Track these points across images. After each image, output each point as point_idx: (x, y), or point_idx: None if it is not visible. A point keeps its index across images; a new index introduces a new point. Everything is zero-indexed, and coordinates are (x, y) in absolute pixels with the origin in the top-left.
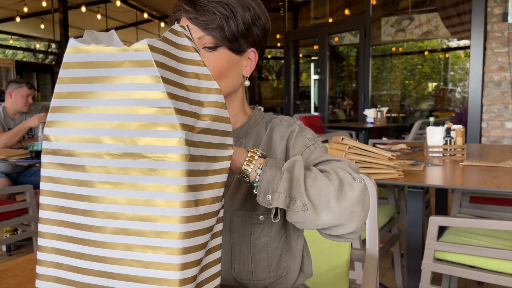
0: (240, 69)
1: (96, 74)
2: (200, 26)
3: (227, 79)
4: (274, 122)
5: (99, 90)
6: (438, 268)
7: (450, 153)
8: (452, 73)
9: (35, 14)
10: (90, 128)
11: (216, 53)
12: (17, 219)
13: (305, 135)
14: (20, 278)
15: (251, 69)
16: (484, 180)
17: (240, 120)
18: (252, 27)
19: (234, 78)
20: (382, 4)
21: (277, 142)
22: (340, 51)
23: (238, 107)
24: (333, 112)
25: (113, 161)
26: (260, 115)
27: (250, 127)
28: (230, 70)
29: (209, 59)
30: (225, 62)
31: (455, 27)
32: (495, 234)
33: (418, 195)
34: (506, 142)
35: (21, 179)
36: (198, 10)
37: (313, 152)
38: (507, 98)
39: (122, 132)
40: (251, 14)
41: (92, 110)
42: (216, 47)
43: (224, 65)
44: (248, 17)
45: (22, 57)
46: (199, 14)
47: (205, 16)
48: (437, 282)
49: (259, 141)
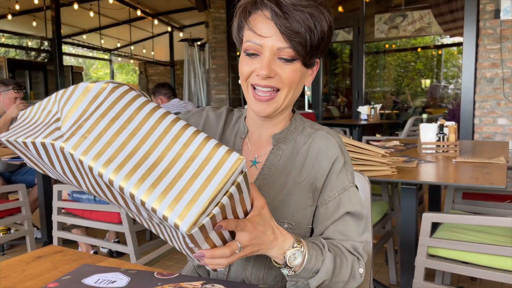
0: (305, 79)
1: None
2: (286, 35)
3: (295, 91)
4: (320, 133)
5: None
6: (432, 264)
7: (443, 150)
8: (445, 70)
9: (27, 11)
10: None
11: (290, 66)
12: (10, 218)
13: (347, 173)
14: (11, 278)
15: (312, 78)
16: (476, 176)
17: (284, 124)
18: (326, 36)
19: (300, 89)
20: (375, 1)
21: (321, 159)
22: (333, 48)
23: (288, 112)
24: (327, 109)
25: None
26: (300, 120)
27: (290, 132)
28: (299, 82)
29: (284, 70)
30: (297, 75)
31: (448, 24)
32: (488, 230)
33: (412, 191)
34: (498, 138)
35: (14, 178)
36: (287, 17)
37: (348, 197)
38: (499, 94)
39: None
40: (327, 25)
41: None
42: (292, 60)
43: (296, 78)
44: (325, 29)
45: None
46: (289, 22)
47: (292, 26)
48: (430, 278)
49: (297, 150)
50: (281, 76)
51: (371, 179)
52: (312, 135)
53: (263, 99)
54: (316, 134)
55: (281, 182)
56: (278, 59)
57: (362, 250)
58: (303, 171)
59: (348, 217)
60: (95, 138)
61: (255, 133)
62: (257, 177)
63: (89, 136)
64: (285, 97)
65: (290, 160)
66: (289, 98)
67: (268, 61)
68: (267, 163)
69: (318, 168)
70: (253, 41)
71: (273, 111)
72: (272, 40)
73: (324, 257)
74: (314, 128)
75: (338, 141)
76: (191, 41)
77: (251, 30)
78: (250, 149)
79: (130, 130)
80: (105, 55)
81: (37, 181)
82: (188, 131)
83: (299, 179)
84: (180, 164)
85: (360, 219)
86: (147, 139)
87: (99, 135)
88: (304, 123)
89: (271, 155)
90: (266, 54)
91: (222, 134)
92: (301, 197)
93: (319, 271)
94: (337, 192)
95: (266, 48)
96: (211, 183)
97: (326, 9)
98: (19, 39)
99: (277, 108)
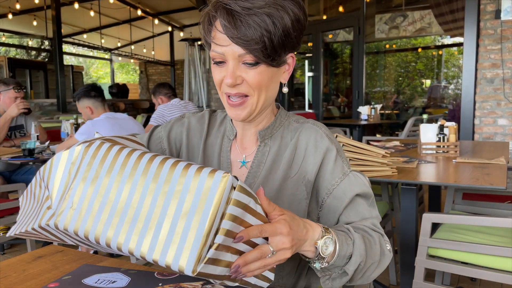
0: (279, 77)
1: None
2: (243, 46)
3: (267, 92)
4: (306, 126)
5: None
6: (432, 264)
7: (443, 150)
8: (445, 70)
9: (28, 11)
10: None
11: (255, 70)
12: (10, 218)
13: (343, 159)
14: (11, 278)
15: (288, 74)
16: (476, 177)
17: (267, 120)
18: (291, 32)
19: (274, 88)
20: (376, 1)
21: (310, 151)
22: (334, 48)
23: (270, 109)
24: (327, 109)
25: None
26: (285, 115)
27: (275, 128)
28: (270, 82)
29: (250, 74)
30: (265, 77)
31: (448, 24)
32: (488, 231)
33: (412, 192)
34: (498, 138)
35: (14, 178)
36: (238, 26)
37: (352, 180)
38: (500, 95)
39: None
40: (290, 17)
41: None
42: (256, 64)
43: (264, 81)
44: (289, 24)
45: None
46: (240, 32)
47: (247, 35)
48: (430, 278)
49: (285, 145)
50: (248, 81)
51: (371, 179)
52: (298, 129)
53: (236, 104)
54: (302, 127)
55: (272, 179)
56: (243, 64)
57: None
58: (293, 165)
59: (358, 198)
60: (82, 207)
61: (239, 133)
62: (247, 176)
63: (77, 207)
64: (256, 101)
65: (279, 156)
66: (262, 101)
67: (232, 70)
68: (256, 161)
69: (309, 160)
70: (216, 50)
71: (248, 115)
72: (231, 47)
73: (353, 239)
74: (300, 122)
75: (325, 131)
76: (191, 40)
77: (212, 41)
78: (238, 150)
79: (111, 185)
80: (106, 55)
81: None
82: (166, 165)
83: (290, 173)
84: (166, 205)
85: (368, 198)
86: (129, 190)
87: (85, 203)
88: (289, 118)
89: (259, 153)
90: (230, 62)
91: (207, 137)
92: (294, 192)
93: (352, 255)
94: (338, 179)
95: (228, 56)
96: (202, 215)
97: (290, 2)
98: (20, 38)
99: (252, 112)
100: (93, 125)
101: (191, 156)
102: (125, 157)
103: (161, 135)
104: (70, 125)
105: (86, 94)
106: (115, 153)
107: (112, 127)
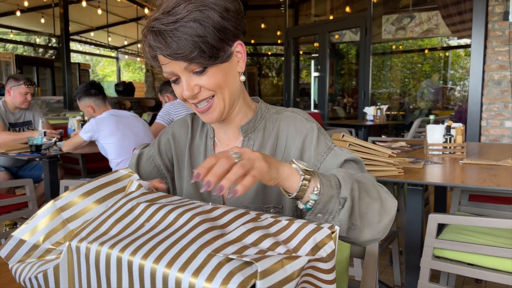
0: (234, 69)
1: None
2: (181, 59)
3: (228, 87)
4: (285, 114)
5: None
6: (437, 265)
7: (449, 151)
8: (452, 72)
9: (36, 8)
10: None
11: (206, 74)
12: (16, 213)
13: (325, 136)
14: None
15: (243, 61)
16: (483, 178)
17: (247, 115)
18: (224, 24)
19: (234, 81)
20: (383, 2)
21: (292, 136)
22: (340, 49)
23: (241, 102)
24: (333, 109)
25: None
26: (265, 108)
27: (257, 121)
28: (227, 78)
29: (203, 80)
30: (219, 76)
31: (456, 25)
32: (494, 232)
33: (418, 192)
34: (505, 141)
35: (21, 173)
36: (169, 43)
37: (338, 152)
38: (507, 97)
39: None
40: (217, 12)
41: None
42: (204, 69)
43: (220, 80)
44: (216, 18)
45: (22, 51)
46: (173, 47)
47: (180, 48)
48: (435, 280)
49: (268, 135)
50: (205, 86)
51: (377, 179)
52: (278, 119)
53: (205, 109)
54: (281, 116)
55: None
56: (193, 73)
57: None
58: (277, 153)
59: (347, 163)
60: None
61: (220, 131)
62: None
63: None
64: (222, 99)
65: (262, 147)
66: (228, 97)
67: (186, 83)
68: None
69: (292, 145)
70: (165, 71)
71: (220, 115)
72: (174, 64)
73: (335, 172)
74: (280, 112)
75: (304, 115)
76: None
77: (156, 63)
78: (222, 147)
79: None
80: (112, 53)
81: (44, 176)
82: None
83: None
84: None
85: (358, 163)
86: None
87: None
88: (270, 110)
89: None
90: (182, 77)
91: (192, 140)
92: None
93: (340, 180)
94: (324, 153)
95: (177, 71)
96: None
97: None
98: (27, 36)
99: (222, 111)
100: (97, 123)
101: (181, 162)
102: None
103: (151, 153)
104: (77, 122)
105: (86, 92)
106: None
107: (116, 124)
